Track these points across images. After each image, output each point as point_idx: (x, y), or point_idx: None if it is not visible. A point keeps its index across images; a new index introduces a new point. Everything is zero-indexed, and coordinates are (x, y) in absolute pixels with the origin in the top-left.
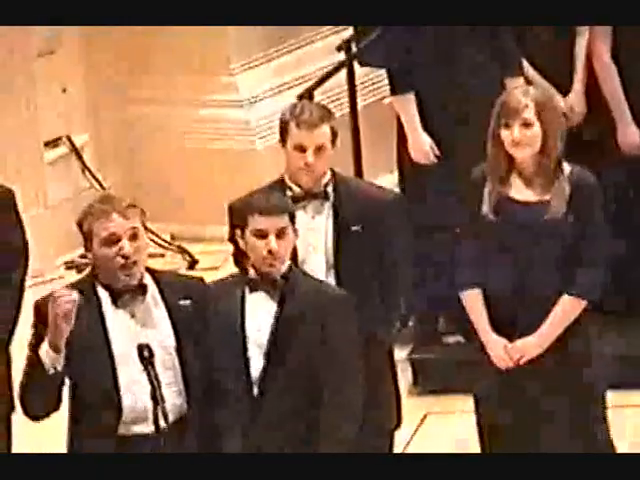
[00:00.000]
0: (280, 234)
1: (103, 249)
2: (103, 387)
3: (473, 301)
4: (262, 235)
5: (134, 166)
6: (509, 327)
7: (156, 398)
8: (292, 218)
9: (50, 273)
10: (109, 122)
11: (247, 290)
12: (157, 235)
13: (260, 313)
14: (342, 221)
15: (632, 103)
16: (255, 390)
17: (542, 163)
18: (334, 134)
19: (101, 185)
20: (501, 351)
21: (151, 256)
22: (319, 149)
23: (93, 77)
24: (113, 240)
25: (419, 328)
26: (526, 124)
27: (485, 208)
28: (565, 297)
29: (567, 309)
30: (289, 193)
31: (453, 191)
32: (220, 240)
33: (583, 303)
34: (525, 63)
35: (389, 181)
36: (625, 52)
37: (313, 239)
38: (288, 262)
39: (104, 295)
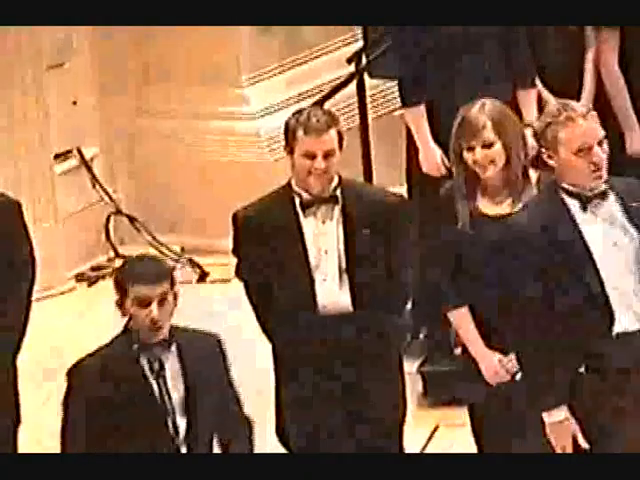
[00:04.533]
0: None
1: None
2: None
3: (462, 319)
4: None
5: (144, 179)
6: (497, 342)
7: None
8: None
9: (60, 286)
10: (119, 134)
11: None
12: (167, 248)
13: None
14: (352, 225)
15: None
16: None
17: (508, 177)
18: (341, 137)
19: (111, 198)
20: (497, 366)
21: None
22: (328, 154)
23: (103, 89)
24: None
25: (430, 340)
26: (486, 145)
27: (460, 224)
28: None
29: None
30: (297, 200)
31: None
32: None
33: None
34: None
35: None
36: (632, 60)
37: (324, 244)
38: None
39: None
